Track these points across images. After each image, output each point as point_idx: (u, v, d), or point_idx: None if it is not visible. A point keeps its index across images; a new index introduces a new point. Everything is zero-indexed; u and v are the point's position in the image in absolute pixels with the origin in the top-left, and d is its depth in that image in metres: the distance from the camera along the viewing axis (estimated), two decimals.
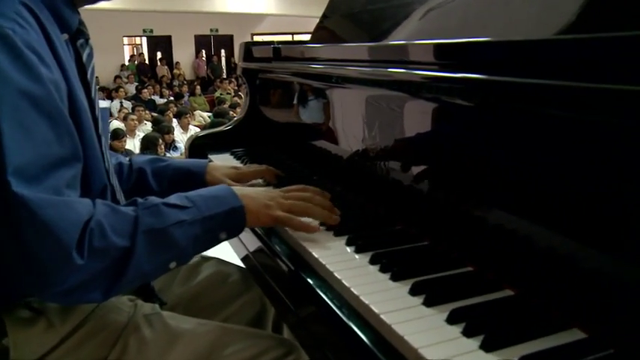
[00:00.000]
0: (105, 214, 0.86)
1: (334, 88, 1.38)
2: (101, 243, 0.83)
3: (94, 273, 0.82)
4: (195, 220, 0.92)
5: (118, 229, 0.85)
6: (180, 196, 0.96)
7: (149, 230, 0.87)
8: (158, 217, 0.89)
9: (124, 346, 0.98)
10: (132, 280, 0.87)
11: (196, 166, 1.36)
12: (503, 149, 0.84)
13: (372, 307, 0.76)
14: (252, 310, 1.31)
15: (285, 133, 1.77)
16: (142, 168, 1.33)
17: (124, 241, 0.85)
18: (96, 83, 1.08)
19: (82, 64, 1.01)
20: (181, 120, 7.45)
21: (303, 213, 1.04)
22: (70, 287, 0.82)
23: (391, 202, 1.14)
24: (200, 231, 0.93)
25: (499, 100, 0.84)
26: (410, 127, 1.08)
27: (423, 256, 0.94)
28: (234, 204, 0.97)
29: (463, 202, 0.94)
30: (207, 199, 0.96)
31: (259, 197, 1.02)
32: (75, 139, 0.87)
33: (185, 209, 0.93)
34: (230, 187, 1.01)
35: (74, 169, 0.87)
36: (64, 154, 0.85)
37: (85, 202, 0.86)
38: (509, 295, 0.78)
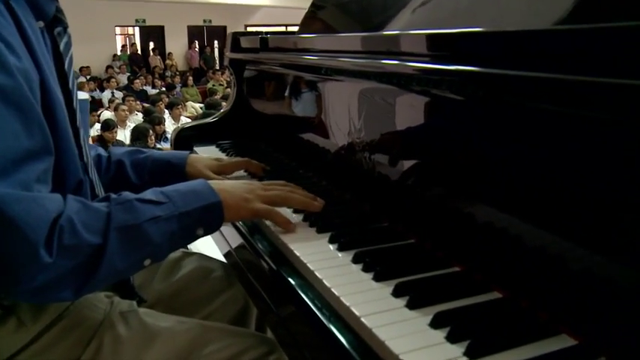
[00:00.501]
0: (76, 211, 0.82)
1: (323, 80, 1.34)
2: (72, 240, 0.79)
3: (65, 271, 0.79)
4: (171, 216, 0.89)
5: (90, 226, 0.82)
6: (155, 191, 0.92)
7: (122, 227, 0.84)
8: (132, 213, 0.86)
9: (98, 345, 0.94)
10: (104, 278, 0.84)
11: (177, 157, 1.32)
12: (495, 145, 0.81)
13: (352, 309, 0.73)
14: (234, 306, 1.27)
15: (273, 125, 1.73)
16: (120, 160, 1.29)
17: (96, 238, 0.81)
18: (75, 75, 1.04)
19: (59, 54, 0.96)
20: (173, 111, 7.39)
21: (284, 202, 1.02)
22: (39, 286, 0.78)
23: (378, 198, 1.10)
24: (176, 227, 0.89)
25: (491, 94, 0.80)
26: (399, 121, 1.04)
27: (408, 255, 0.90)
28: (212, 199, 0.94)
29: (452, 199, 0.91)
30: (184, 194, 0.93)
31: (238, 191, 0.98)
32: (46, 131, 0.83)
33: (160, 205, 0.89)
34: (207, 182, 0.98)
35: (45, 163, 0.83)
36: (34, 148, 0.80)
37: (55, 198, 0.82)
38: (498, 297, 0.75)
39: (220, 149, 1.74)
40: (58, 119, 0.88)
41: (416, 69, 0.94)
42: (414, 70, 0.95)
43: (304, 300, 0.82)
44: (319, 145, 1.39)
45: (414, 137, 0.99)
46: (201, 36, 17.34)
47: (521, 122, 0.75)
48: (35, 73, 0.83)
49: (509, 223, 0.78)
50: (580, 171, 0.66)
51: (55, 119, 0.87)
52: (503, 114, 0.78)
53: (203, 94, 10.71)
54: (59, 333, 0.92)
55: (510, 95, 0.76)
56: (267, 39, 1.66)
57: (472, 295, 0.75)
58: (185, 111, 8.17)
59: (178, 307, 1.20)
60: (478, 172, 0.84)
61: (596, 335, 0.63)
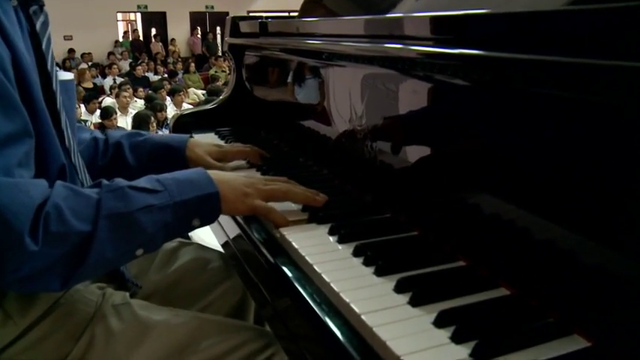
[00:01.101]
0: (64, 197, 0.78)
1: (324, 66, 1.30)
2: (59, 228, 0.76)
3: (52, 260, 0.76)
4: (165, 205, 0.85)
5: (79, 213, 0.78)
6: (151, 178, 0.88)
7: (113, 215, 0.80)
8: (123, 200, 0.82)
9: (90, 339, 0.91)
10: (94, 267, 0.80)
11: (176, 141, 1.27)
12: (503, 132, 0.76)
13: (352, 306, 0.69)
14: (233, 298, 1.24)
15: (273, 112, 1.69)
16: (119, 142, 1.24)
17: (85, 225, 0.78)
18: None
19: (35, 34, 0.92)
20: (175, 98, 7.34)
21: (285, 196, 0.98)
22: (26, 275, 0.75)
23: (380, 188, 1.06)
24: (170, 217, 0.85)
25: (498, 79, 0.75)
26: (403, 108, 1.00)
27: (412, 249, 0.86)
28: (209, 190, 0.90)
29: (457, 189, 0.86)
30: (180, 182, 0.89)
31: (237, 184, 0.94)
32: (23, 112, 0.79)
33: (155, 193, 0.85)
34: (206, 171, 0.93)
35: (25, 146, 0.80)
36: (12, 130, 0.77)
37: (39, 184, 0.78)
38: (506, 294, 0.71)
39: (219, 136, 1.70)
40: (35, 101, 0.84)
41: (420, 53, 0.90)
42: (417, 54, 0.91)
43: (302, 295, 0.79)
44: (320, 132, 1.34)
45: (418, 124, 0.95)
46: (204, 22, 17.22)
47: (529, 109, 0.71)
48: (7, 52, 0.79)
49: (517, 215, 0.73)
50: (594, 161, 0.62)
51: (31, 101, 0.83)
52: (511, 100, 0.74)
53: (205, 81, 10.66)
54: (49, 327, 0.89)
55: (518, 80, 0.71)
56: (267, 23, 1.62)
57: (478, 292, 0.72)
58: (187, 98, 8.12)
59: (175, 299, 1.17)
60: (485, 161, 0.80)
61: (611, 337, 0.60)
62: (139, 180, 0.88)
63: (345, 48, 1.16)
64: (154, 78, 10.58)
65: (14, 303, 0.87)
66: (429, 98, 0.92)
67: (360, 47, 1.09)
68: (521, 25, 0.71)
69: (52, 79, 0.93)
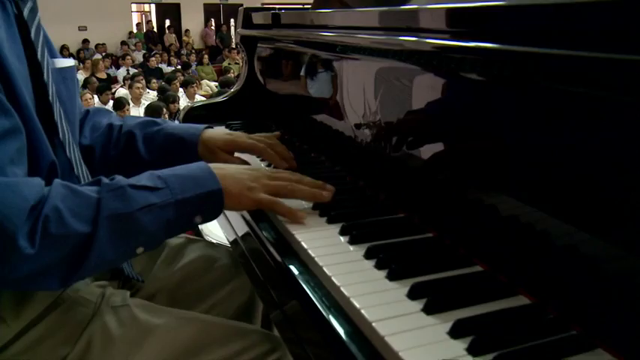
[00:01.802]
0: (63, 197, 0.76)
1: (337, 58, 1.26)
2: (59, 230, 0.73)
3: (50, 261, 0.73)
4: (167, 203, 0.82)
5: (78, 214, 0.76)
6: (152, 174, 0.85)
7: (113, 215, 0.78)
8: (124, 200, 0.79)
9: (87, 343, 0.88)
10: (94, 267, 0.78)
11: (190, 133, 1.18)
12: (524, 130, 0.72)
13: (363, 312, 0.66)
14: (240, 298, 1.21)
15: (284, 105, 1.66)
16: (131, 132, 1.18)
17: (85, 226, 0.75)
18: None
19: (23, 22, 0.88)
20: (188, 89, 7.33)
21: (290, 194, 0.94)
22: (22, 276, 0.72)
23: (394, 186, 1.02)
24: (172, 215, 0.83)
25: (519, 74, 0.71)
26: (418, 104, 0.96)
27: (426, 252, 0.82)
28: (212, 186, 0.87)
29: (475, 189, 0.82)
30: (183, 179, 0.86)
31: (242, 178, 0.91)
32: (8, 107, 0.76)
33: (156, 191, 0.82)
34: (209, 166, 0.90)
35: (17, 141, 0.77)
36: (0, 127, 0.74)
37: (34, 183, 0.76)
38: (525, 303, 0.67)
39: (230, 130, 1.66)
40: (17, 93, 0.80)
41: (436, 46, 0.86)
42: (433, 48, 0.87)
43: (310, 298, 0.75)
44: (332, 127, 1.31)
45: (434, 121, 0.91)
46: (218, 14, 17.20)
47: (553, 107, 0.67)
48: None
49: (539, 218, 0.69)
50: (626, 165, 0.58)
51: (12, 94, 0.80)
52: (533, 97, 0.70)
53: (218, 73, 10.64)
54: (45, 330, 0.86)
55: (541, 76, 0.67)
56: (280, 15, 1.58)
57: (496, 300, 0.68)
58: (200, 89, 8.11)
59: (180, 298, 1.14)
60: (504, 161, 0.76)
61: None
62: (139, 177, 0.85)
63: (359, 40, 1.12)
64: (168, 69, 10.59)
65: (7, 305, 0.84)
66: (446, 94, 0.88)
67: (375, 40, 1.06)
68: (545, 17, 0.67)
69: (42, 68, 0.89)
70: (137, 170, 0.86)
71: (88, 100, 6.48)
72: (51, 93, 0.90)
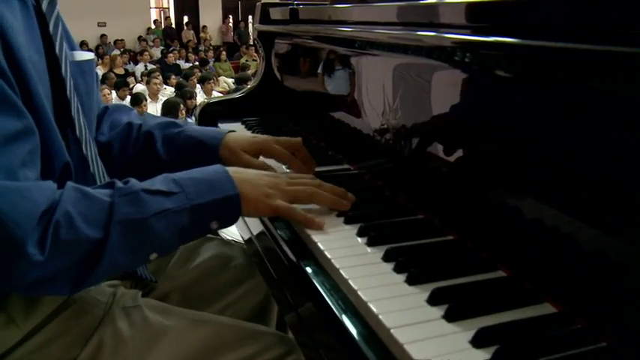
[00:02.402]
0: (74, 202, 0.74)
1: (356, 54, 1.23)
2: (70, 235, 0.71)
3: (60, 268, 0.72)
4: (182, 209, 0.80)
5: (90, 218, 0.74)
6: (167, 178, 0.83)
7: (126, 221, 0.75)
8: (137, 206, 0.77)
9: (97, 344, 0.86)
10: (105, 273, 0.76)
11: (211, 137, 1.13)
12: (552, 130, 0.69)
13: (381, 318, 0.63)
14: (255, 298, 1.18)
15: (302, 102, 1.63)
16: (150, 132, 1.14)
17: (96, 231, 0.73)
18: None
19: (41, 15, 0.86)
20: (205, 85, 7.34)
21: (309, 199, 0.91)
22: (31, 282, 0.71)
23: (414, 186, 1.00)
24: (187, 221, 0.80)
25: (548, 71, 0.68)
26: (440, 102, 0.93)
27: (447, 255, 0.80)
28: (229, 191, 0.84)
29: (499, 190, 0.79)
30: (199, 183, 0.83)
31: (260, 184, 0.88)
32: (21, 108, 0.74)
33: (171, 196, 0.80)
34: (226, 170, 0.87)
35: (29, 143, 0.75)
36: (12, 129, 0.72)
37: (45, 187, 0.73)
38: (552, 312, 0.64)
39: (246, 126, 1.64)
40: (32, 92, 0.78)
41: (458, 41, 0.83)
42: (454, 43, 0.84)
43: (326, 301, 0.73)
44: (350, 125, 1.28)
45: (457, 119, 0.88)
46: (236, 11, 17.21)
47: (580, 103, 0.64)
48: None
49: (566, 222, 0.66)
50: None
51: (30, 97, 0.78)
52: (559, 93, 0.67)
53: (236, 69, 10.64)
54: (54, 330, 0.85)
55: (568, 72, 0.65)
56: (298, 10, 1.55)
57: (520, 307, 0.65)
58: (217, 86, 8.13)
59: (194, 298, 1.12)
60: (530, 160, 0.73)
61: None
62: (154, 180, 0.83)
63: (379, 36, 1.09)
64: (185, 65, 10.61)
65: (17, 305, 0.83)
66: (469, 92, 0.85)
67: (394, 35, 1.03)
68: (570, 10, 0.64)
69: (60, 63, 0.87)
70: (155, 171, 0.84)
71: (106, 96, 6.52)
72: (69, 88, 0.88)
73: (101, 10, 13.30)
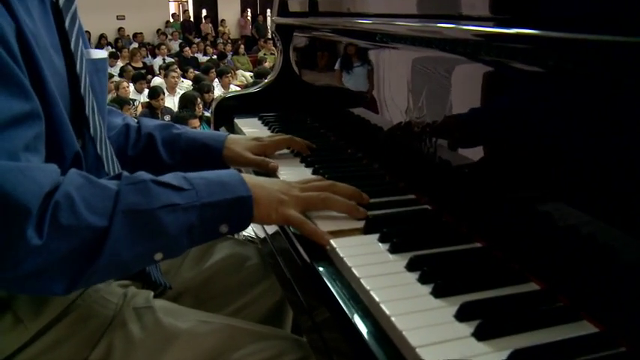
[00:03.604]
0: (78, 186, 0.70)
1: (377, 48, 1.18)
2: (69, 220, 0.67)
3: (57, 256, 0.67)
4: (191, 205, 0.76)
5: (93, 205, 0.70)
6: (177, 175, 0.80)
7: (131, 210, 0.72)
8: (145, 195, 0.74)
9: (107, 346, 0.83)
10: (105, 270, 0.72)
11: (213, 139, 1.17)
12: (589, 130, 0.64)
13: (406, 335, 0.58)
14: (270, 300, 1.14)
15: (320, 98, 1.59)
16: (151, 134, 1.15)
17: (99, 219, 0.70)
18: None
19: (58, 10, 0.84)
20: (222, 79, 7.30)
21: (322, 205, 0.88)
22: (27, 272, 0.66)
23: (439, 189, 0.94)
24: (196, 219, 0.77)
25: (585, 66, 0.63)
26: (466, 99, 0.87)
27: (475, 265, 0.74)
28: (241, 192, 0.81)
29: (531, 195, 0.74)
30: (210, 182, 0.80)
31: (273, 189, 0.85)
32: (29, 91, 0.71)
33: (181, 191, 0.77)
34: (239, 174, 0.85)
35: (34, 128, 0.71)
36: (18, 111, 0.69)
37: (49, 169, 0.70)
38: (591, 331, 0.59)
39: (263, 122, 1.60)
40: (46, 83, 0.75)
41: (484, 34, 0.78)
42: (477, 36, 0.79)
43: (345, 312, 0.68)
44: (371, 122, 1.23)
45: (485, 117, 0.83)
46: (254, 4, 17.16)
47: (624, 102, 0.58)
48: (8, 21, 0.70)
49: (607, 230, 0.61)
50: None
51: (40, 82, 0.75)
52: (593, 89, 0.62)
53: (254, 63, 10.61)
54: (63, 332, 0.82)
55: (600, 66, 0.60)
56: (317, 2, 1.50)
57: (557, 325, 0.60)
58: (235, 79, 8.09)
59: (207, 299, 1.08)
60: (566, 163, 0.67)
61: None
62: (164, 175, 0.79)
63: (400, 29, 1.04)
64: (203, 59, 10.60)
65: (25, 305, 0.79)
66: (498, 88, 0.80)
67: (416, 28, 0.98)
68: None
69: (75, 59, 0.84)
70: (157, 174, 0.80)
71: (125, 89, 6.52)
72: (83, 85, 0.85)
73: (120, 4, 13.33)
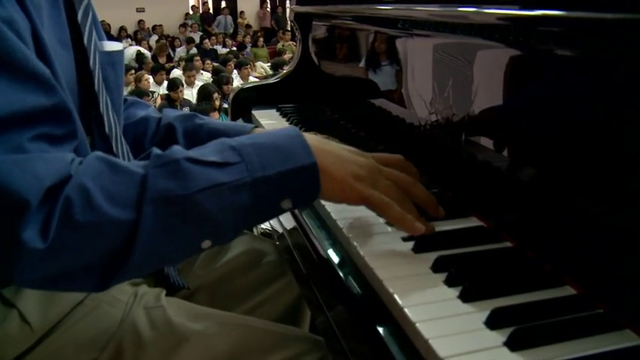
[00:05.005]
0: (96, 175, 0.61)
1: (400, 36, 1.13)
2: (86, 215, 0.58)
3: (78, 258, 0.60)
4: (242, 183, 0.64)
5: (116, 195, 0.61)
6: (223, 144, 0.68)
7: (163, 197, 0.61)
8: (178, 178, 0.63)
9: (116, 348, 0.79)
10: (140, 265, 0.63)
11: (237, 131, 1.02)
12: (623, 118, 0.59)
13: (432, 344, 0.54)
14: (288, 297, 1.10)
15: (340, 88, 1.54)
16: (171, 124, 1.06)
17: (124, 211, 0.60)
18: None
19: (70, 3, 0.79)
20: (241, 71, 7.29)
21: (408, 189, 0.75)
22: (40, 277, 0.60)
23: (466, 185, 0.89)
24: (249, 199, 0.65)
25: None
26: (498, 90, 0.82)
27: (505, 266, 0.69)
28: (304, 160, 0.67)
29: (565, 191, 0.68)
30: (264, 150, 0.67)
31: (348, 159, 0.72)
32: (53, 87, 0.65)
33: (226, 167, 0.65)
34: (300, 134, 0.71)
35: (52, 126, 0.64)
36: (31, 105, 0.62)
37: (56, 159, 0.62)
38: (637, 343, 0.54)
39: (281, 113, 1.56)
40: (57, 81, 0.69)
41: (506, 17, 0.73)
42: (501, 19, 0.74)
43: (367, 317, 0.64)
44: (393, 113, 1.18)
45: (517, 110, 0.78)
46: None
47: None
48: (24, 20, 0.65)
49: None
50: None
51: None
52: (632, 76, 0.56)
53: (273, 55, 10.58)
54: (70, 332, 0.78)
55: None
56: None
57: (597, 334, 0.55)
58: (254, 71, 8.06)
59: (222, 297, 1.05)
60: (601, 155, 0.62)
61: None
62: (205, 147, 0.68)
63: (423, 14, 0.99)
64: (223, 51, 10.60)
65: (31, 305, 0.75)
66: (533, 77, 0.74)
67: (439, 13, 0.93)
68: None
69: (89, 54, 0.79)
70: None
71: (146, 81, 6.53)
72: (97, 82, 0.80)
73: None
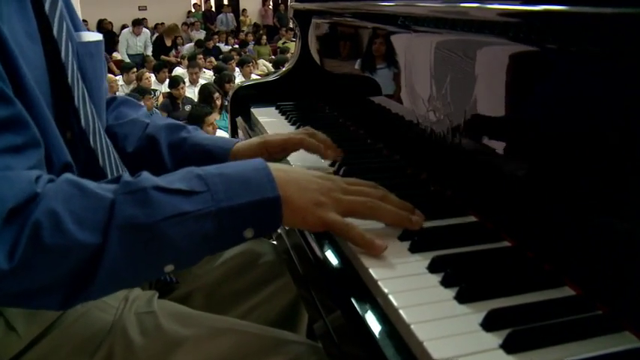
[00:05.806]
0: (66, 198, 0.62)
1: (400, 32, 1.12)
2: (55, 239, 0.59)
3: (44, 279, 0.60)
4: (205, 213, 0.65)
5: (84, 219, 0.61)
6: (190, 173, 0.69)
7: (128, 225, 0.62)
8: (144, 207, 0.63)
9: (107, 355, 0.78)
10: (104, 287, 0.64)
11: (220, 146, 1.03)
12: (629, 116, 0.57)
13: (426, 346, 0.52)
14: (285, 298, 1.09)
15: (340, 86, 1.52)
16: (155, 137, 1.03)
17: (91, 235, 0.61)
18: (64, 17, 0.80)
19: None
20: (244, 69, 7.26)
21: (369, 213, 0.75)
22: (9, 294, 0.61)
23: (464, 182, 0.88)
24: (212, 228, 0.66)
25: None
26: (495, 85, 0.81)
27: (504, 266, 0.67)
28: (268, 193, 0.69)
29: (567, 190, 0.67)
30: (230, 181, 0.68)
31: (309, 187, 0.72)
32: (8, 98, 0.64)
33: (192, 195, 0.66)
34: (266, 166, 0.72)
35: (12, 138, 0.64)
36: None
37: (17, 178, 0.62)
38: (636, 345, 0.52)
39: (280, 111, 1.55)
40: (21, 77, 0.68)
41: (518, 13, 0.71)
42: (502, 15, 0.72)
43: (362, 318, 0.63)
44: (392, 110, 1.17)
45: (516, 107, 0.76)
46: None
47: None
48: None
49: None
50: None
51: (19, 83, 0.68)
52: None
53: (275, 53, 10.56)
54: (59, 339, 0.77)
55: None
56: None
57: (597, 336, 0.53)
58: (256, 69, 8.04)
59: (218, 298, 1.04)
60: (606, 154, 0.61)
61: None
62: (173, 175, 0.69)
63: (424, 10, 0.98)
64: (225, 48, 10.58)
65: (17, 310, 0.74)
66: (534, 74, 0.73)
67: (442, 9, 0.91)
68: None
69: (59, 47, 0.77)
70: (157, 174, 0.71)
71: (148, 80, 6.51)
72: (70, 74, 0.79)
73: None
